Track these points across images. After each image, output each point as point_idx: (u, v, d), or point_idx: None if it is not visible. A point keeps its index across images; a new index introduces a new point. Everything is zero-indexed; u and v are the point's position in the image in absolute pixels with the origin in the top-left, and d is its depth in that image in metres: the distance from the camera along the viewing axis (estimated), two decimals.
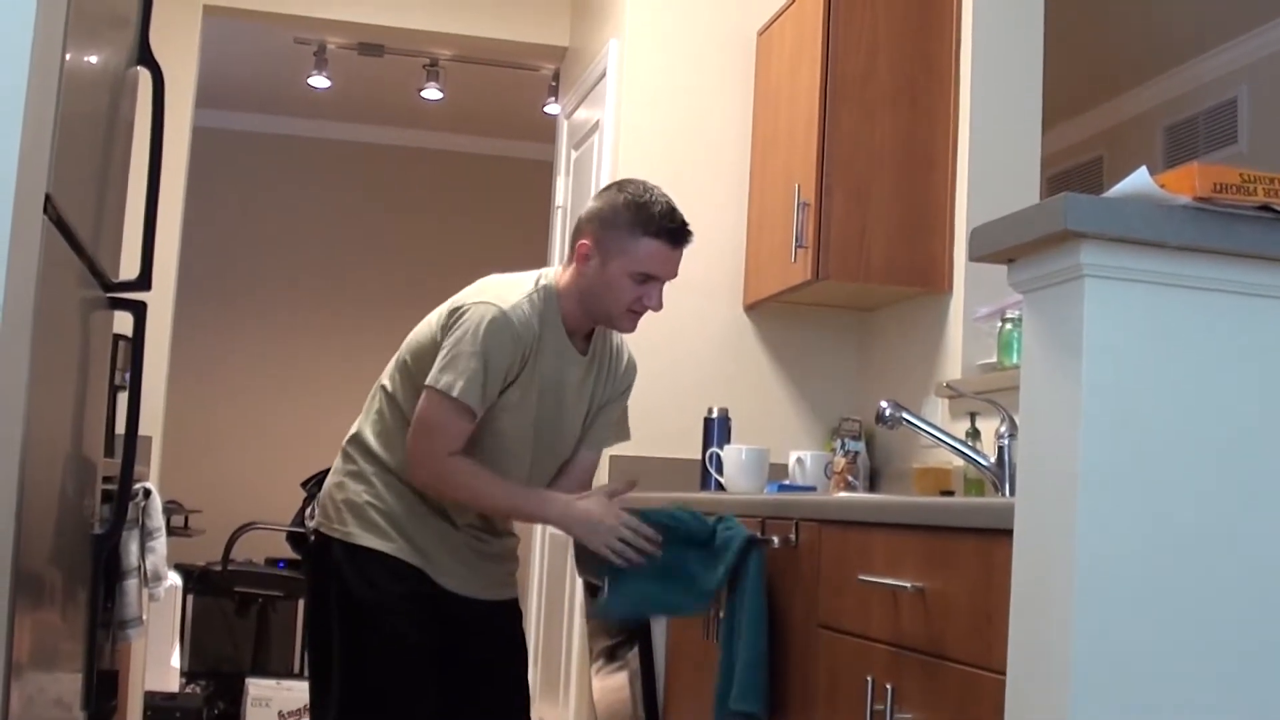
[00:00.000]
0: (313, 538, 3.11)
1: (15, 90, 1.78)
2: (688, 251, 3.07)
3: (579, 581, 4.52)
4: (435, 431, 2.93)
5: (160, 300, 4.79)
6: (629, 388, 3.28)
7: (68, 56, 2.05)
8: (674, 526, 3.05)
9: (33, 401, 1.97)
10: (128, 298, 2.82)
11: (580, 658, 4.61)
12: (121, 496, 2.84)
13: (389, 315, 5.15)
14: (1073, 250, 1.80)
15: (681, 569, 3.04)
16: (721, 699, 3.05)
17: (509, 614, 3.26)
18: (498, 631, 3.22)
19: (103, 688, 3.75)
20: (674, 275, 3.06)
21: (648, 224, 2.97)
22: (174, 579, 5.47)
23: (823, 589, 2.78)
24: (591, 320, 3.09)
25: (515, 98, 7.79)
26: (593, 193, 5.02)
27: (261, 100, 8.47)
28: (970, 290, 4.04)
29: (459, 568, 3.08)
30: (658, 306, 3.04)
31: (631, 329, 3.10)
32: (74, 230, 2.23)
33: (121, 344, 3.91)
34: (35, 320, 1.93)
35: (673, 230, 2.99)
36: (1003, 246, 1.94)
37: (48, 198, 1.96)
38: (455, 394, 2.88)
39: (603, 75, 5.07)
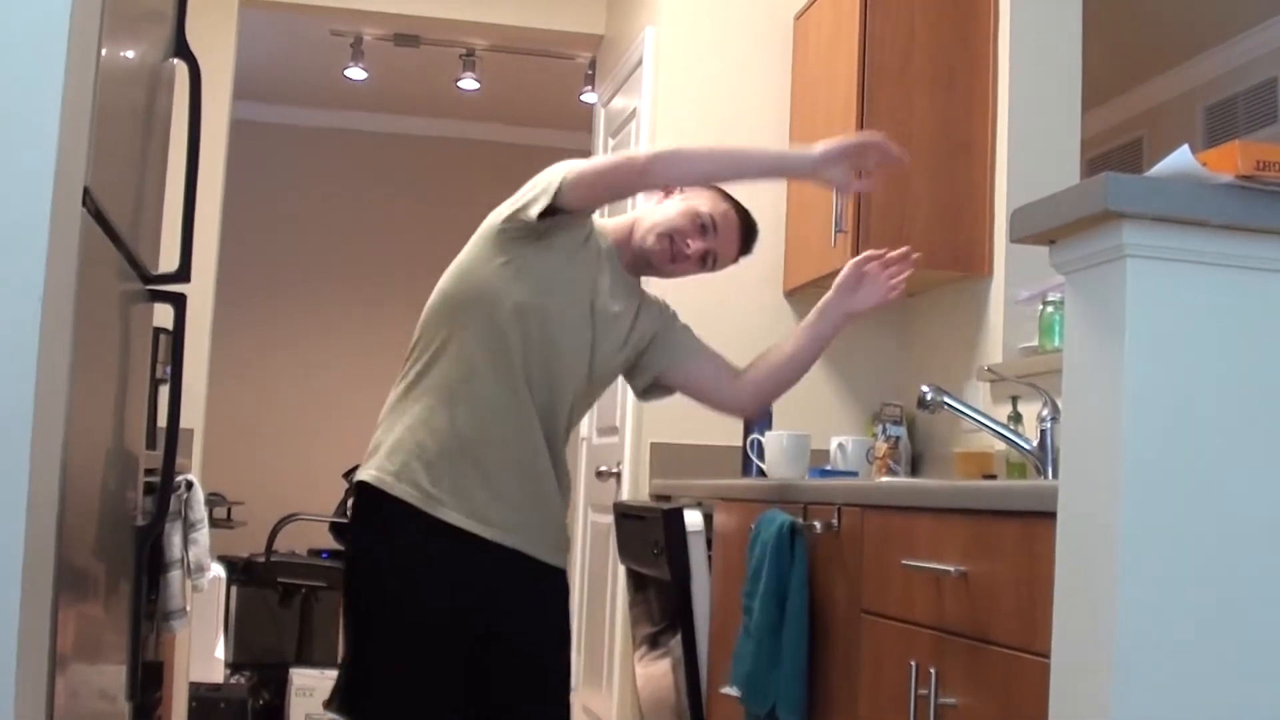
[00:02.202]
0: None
1: (52, 84, 1.79)
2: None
3: (621, 568, 4.53)
4: (619, 156, 2.92)
5: (200, 293, 4.81)
6: (674, 315, 3.26)
7: (104, 50, 2.05)
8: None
9: (74, 394, 1.97)
10: (168, 290, 2.82)
11: (623, 645, 4.62)
12: (164, 489, 2.84)
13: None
14: (1114, 230, 1.79)
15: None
16: (754, 681, 3.05)
17: (557, 587, 3.10)
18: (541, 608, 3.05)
19: (148, 679, 3.77)
20: (726, 256, 3.13)
21: (734, 202, 3.14)
22: (217, 570, 5.50)
23: (866, 574, 2.77)
24: (631, 253, 3.10)
25: (551, 86, 7.79)
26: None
27: (298, 92, 8.50)
28: (1011, 273, 4.02)
29: (506, 508, 2.92)
30: (691, 254, 3.05)
31: (659, 259, 3.08)
32: (113, 223, 2.24)
33: (162, 337, 3.93)
34: (76, 313, 1.94)
35: (747, 214, 3.15)
36: (1044, 228, 1.92)
37: (86, 190, 1.96)
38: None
39: (639, 63, 5.06)
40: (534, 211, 2.86)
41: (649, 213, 3.12)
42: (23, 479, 1.74)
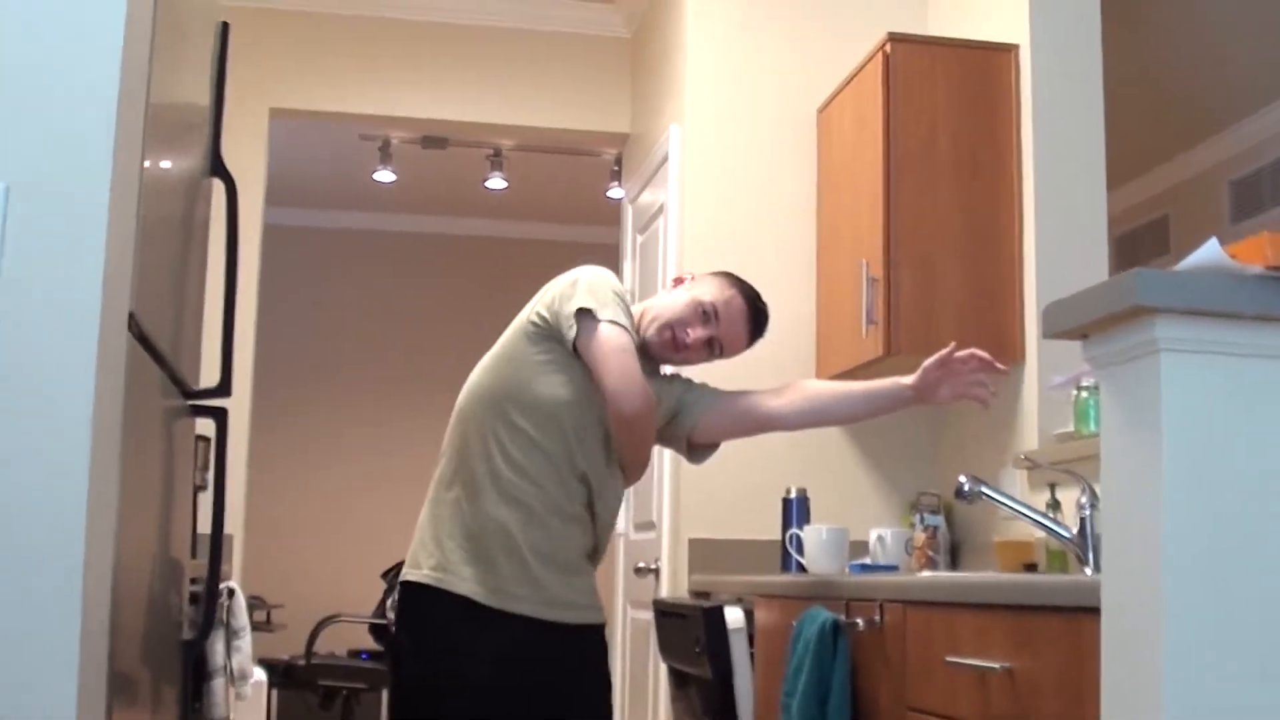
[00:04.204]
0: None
1: (97, 223, 1.83)
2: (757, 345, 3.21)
3: (663, 666, 4.52)
4: (623, 352, 2.90)
5: (237, 399, 4.85)
6: (688, 380, 3.30)
7: (145, 168, 2.10)
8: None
9: (123, 511, 2.00)
10: (209, 404, 2.85)
11: None
12: (209, 601, 2.87)
13: None
14: (1147, 325, 1.80)
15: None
16: None
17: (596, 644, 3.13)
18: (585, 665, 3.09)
19: None
20: (734, 343, 3.16)
21: (744, 288, 3.17)
22: (259, 675, 5.50)
23: (910, 671, 2.76)
24: (643, 342, 3.12)
25: (578, 183, 7.87)
26: (660, 275, 5.07)
27: (328, 196, 8.60)
28: (1044, 359, 4.02)
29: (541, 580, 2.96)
30: (692, 343, 3.09)
31: (662, 349, 3.13)
32: (155, 343, 2.27)
33: (200, 444, 3.96)
34: (123, 434, 1.97)
35: (756, 301, 3.18)
36: (1076, 323, 1.94)
37: (131, 315, 2.00)
38: (608, 319, 2.90)
39: (665, 159, 5.11)
40: (570, 336, 2.92)
41: (655, 303, 3.19)
42: (76, 593, 1.76)
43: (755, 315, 3.17)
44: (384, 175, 7.39)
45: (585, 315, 2.92)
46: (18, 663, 1.73)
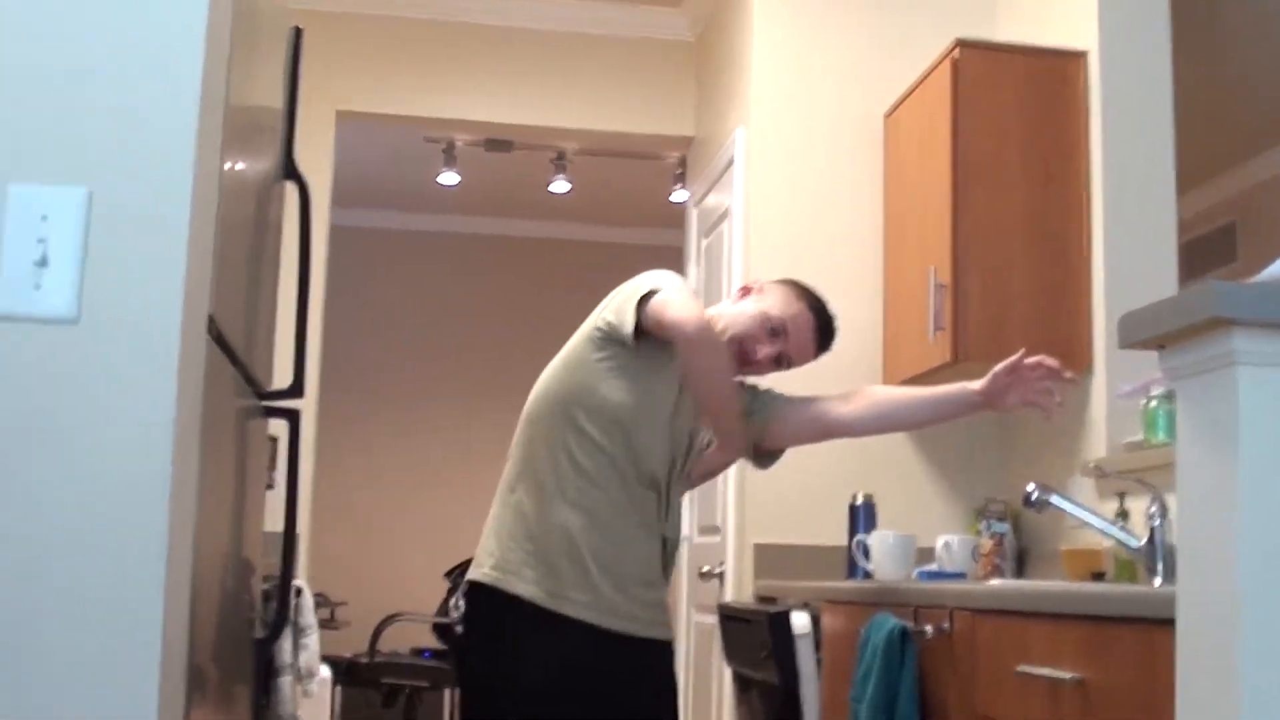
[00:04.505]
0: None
1: (179, 224, 1.85)
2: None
3: (727, 670, 4.52)
4: (682, 294, 2.92)
5: (305, 398, 4.89)
6: (754, 386, 3.29)
7: (224, 171, 2.12)
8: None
9: (200, 511, 2.02)
10: (282, 406, 2.88)
11: None
12: (282, 600, 2.89)
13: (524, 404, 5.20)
14: (1225, 337, 1.79)
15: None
16: None
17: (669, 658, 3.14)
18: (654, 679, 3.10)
19: None
20: (801, 356, 3.15)
21: (812, 300, 3.16)
22: (324, 672, 5.54)
23: (980, 680, 2.75)
24: None
25: (642, 186, 7.88)
26: (725, 280, 5.08)
27: (393, 198, 8.65)
28: (1112, 367, 4.00)
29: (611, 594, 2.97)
30: (760, 359, 3.09)
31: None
32: (231, 345, 2.30)
33: (269, 443, 3.99)
34: (201, 436, 1.99)
35: (823, 314, 3.15)
36: (1152, 334, 1.93)
37: (210, 318, 2.02)
38: (667, 292, 2.92)
39: (730, 163, 5.11)
40: (628, 332, 2.91)
41: (723, 314, 3.16)
42: (158, 593, 1.78)
43: (823, 329, 3.16)
44: (448, 177, 7.43)
45: (647, 298, 2.92)
46: (102, 661, 1.76)
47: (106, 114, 1.87)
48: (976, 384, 3.10)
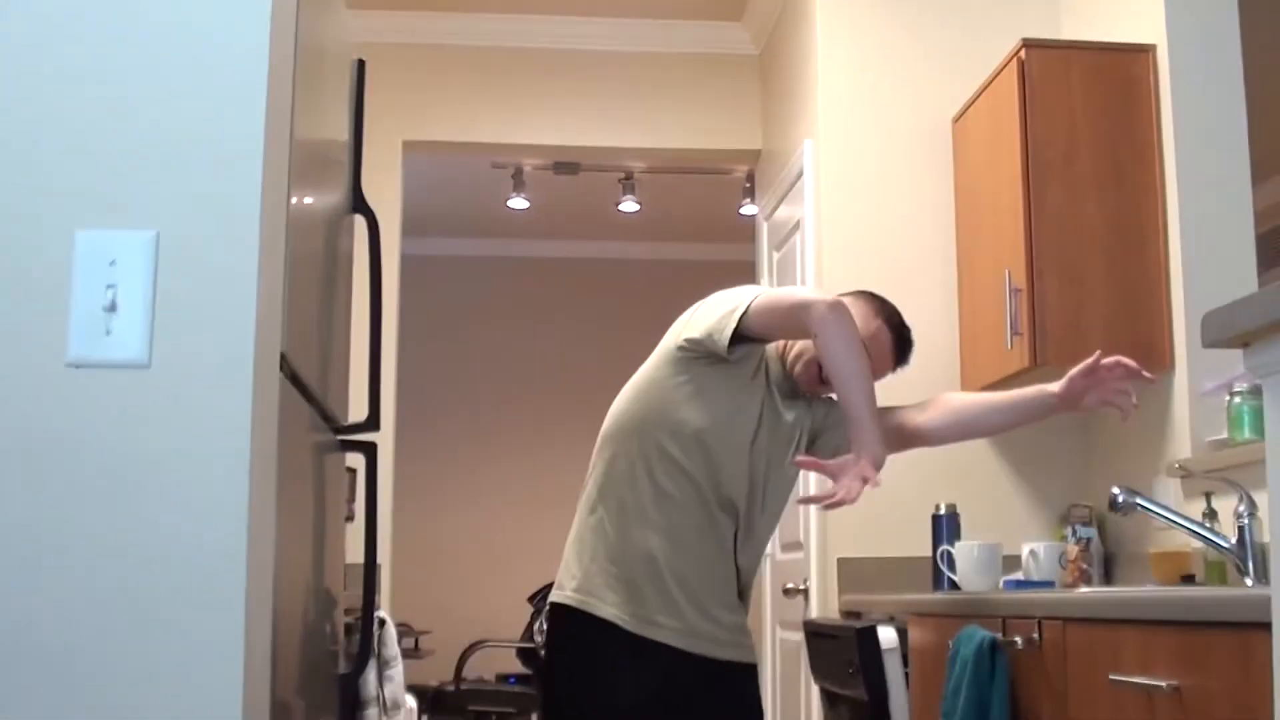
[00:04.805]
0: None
1: (248, 263, 1.85)
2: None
3: (815, 688, 4.48)
4: (784, 290, 2.95)
5: (382, 430, 4.92)
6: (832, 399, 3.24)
7: (291, 207, 2.12)
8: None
9: (280, 547, 2.02)
10: (358, 439, 2.88)
11: None
12: (365, 632, 2.89)
13: (600, 425, 5.20)
14: None
15: None
16: None
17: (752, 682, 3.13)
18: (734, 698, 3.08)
19: None
20: (881, 370, 3.12)
21: (889, 315, 3.15)
22: (410, 702, 5.55)
23: (1071, 690, 2.70)
24: (786, 371, 3.11)
25: (710, 202, 7.87)
26: None
27: (463, 224, 8.69)
28: (1193, 365, 3.94)
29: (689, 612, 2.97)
30: None
31: (807, 384, 3.11)
32: (305, 381, 2.30)
33: (347, 475, 4.01)
34: (279, 474, 1.99)
35: (901, 328, 3.16)
36: (1236, 332, 1.88)
37: (283, 356, 2.02)
38: (772, 290, 2.95)
39: (800, 175, 5.09)
40: (724, 340, 2.89)
41: None
42: (239, 628, 1.79)
43: (900, 345, 3.15)
44: (518, 202, 7.45)
45: (746, 309, 2.91)
46: (186, 700, 1.76)
47: (171, 155, 1.88)
48: (1054, 386, 3.06)
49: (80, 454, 1.76)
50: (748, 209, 6.92)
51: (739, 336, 2.91)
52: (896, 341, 3.13)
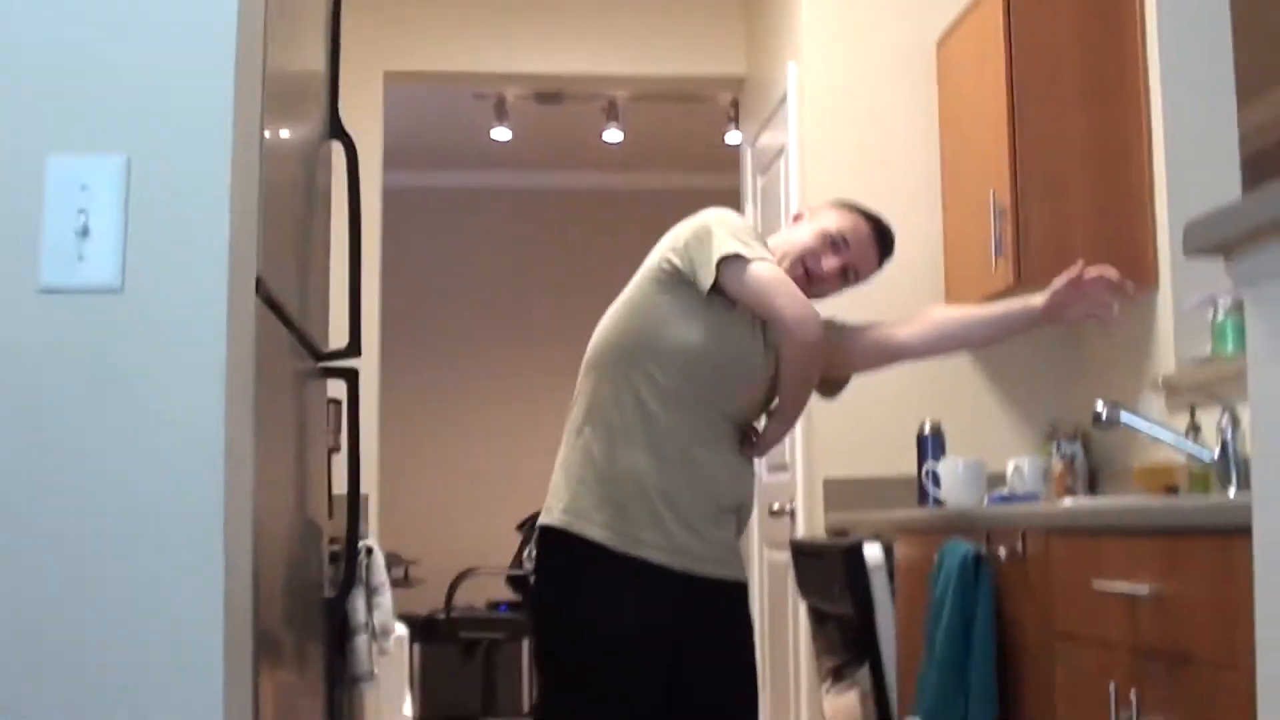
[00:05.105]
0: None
1: (219, 186, 1.84)
2: (887, 267, 3.12)
3: (803, 604, 4.51)
4: (786, 283, 2.90)
5: (366, 360, 4.90)
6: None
7: (266, 134, 2.10)
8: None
9: (260, 474, 2.02)
10: (340, 366, 2.87)
11: (809, 680, 4.59)
12: (349, 559, 2.89)
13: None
14: None
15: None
16: (938, 712, 3.01)
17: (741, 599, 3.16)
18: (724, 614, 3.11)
19: None
20: (866, 266, 3.14)
21: (861, 211, 3.15)
22: (400, 630, 5.57)
23: (1056, 599, 2.72)
24: None
25: (695, 130, 7.83)
26: (782, 218, 5.03)
27: (446, 156, 8.64)
28: (1178, 281, 3.94)
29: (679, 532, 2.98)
30: (827, 272, 3.07)
31: (798, 285, 3.08)
32: (283, 306, 2.29)
33: (332, 407, 4.00)
34: (256, 398, 1.98)
35: (878, 220, 3.15)
36: (1218, 239, 1.88)
37: (259, 280, 2.01)
38: (757, 256, 2.90)
39: (783, 99, 5.06)
40: (706, 282, 2.89)
41: (781, 241, 3.15)
42: (218, 557, 1.79)
43: (881, 235, 3.15)
44: (501, 133, 7.41)
45: (731, 259, 2.89)
46: (164, 627, 1.76)
47: (141, 82, 1.86)
48: (1038, 298, 3.07)
49: (54, 380, 1.76)
50: (733, 136, 6.89)
51: (717, 285, 2.91)
52: (877, 232, 3.14)
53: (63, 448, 1.75)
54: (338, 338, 2.91)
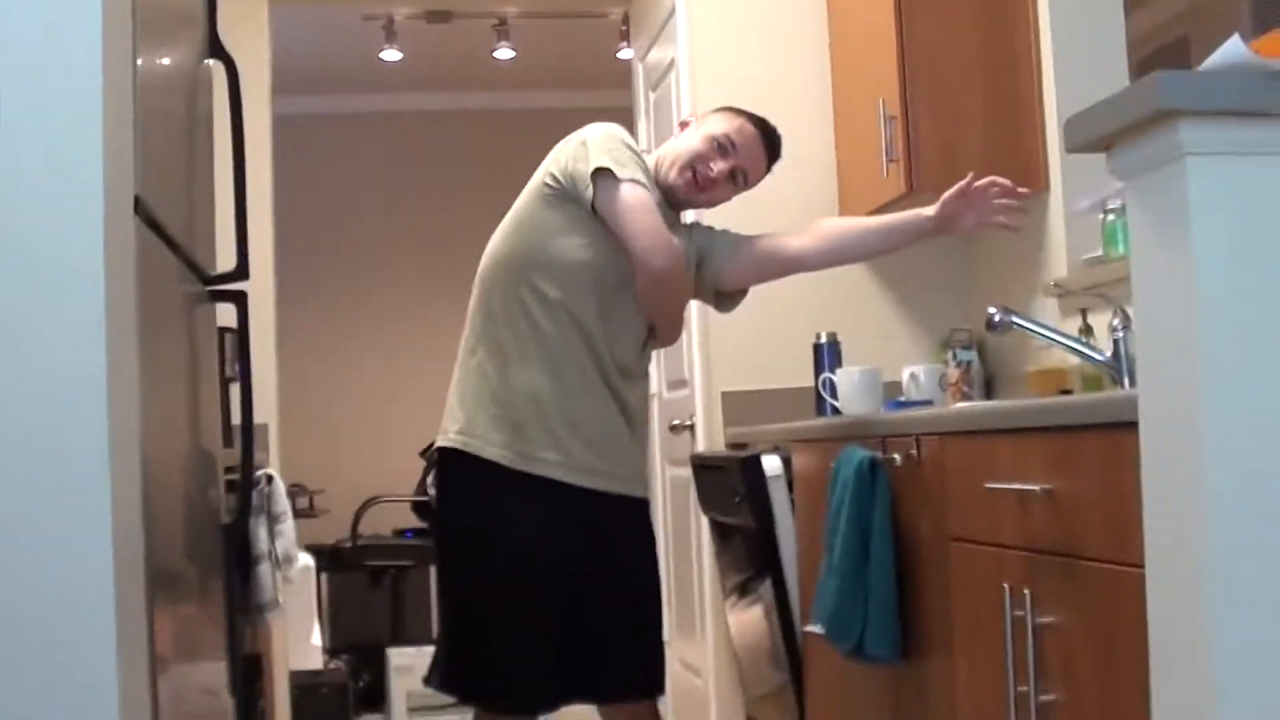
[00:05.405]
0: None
1: (91, 98, 1.80)
2: (780, 176, 3.20)
3: (703, 520, 4.53)
4: (645, 209, 2.90)
5: (261, 289, 4.83)
6: (709, 226, 3.32)
7: (139, 60, 2.06)
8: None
9: (146, 399, 1.99)
10: (228, 289, 2.84)
11: (713, 595, 4.62)
12: (245, 484, 2.88)
13: None
14: (1171, 129, 1.75)
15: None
16: (838, 618, 3.05)
17: (641, 517, 3.17)
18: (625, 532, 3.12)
19: (248, 671, 3.82)
20: (755, 168, 3.16)
21: (739, 111, 3.18)
22: (306, 560, 5.54)
23: (950, 501, 2.75)
24: (663, 190, 3.10)
25: (588, 47, 7.76)
26: (674, 133, 5.01)
27: (336, 81, 8.50)
28: (1069, 185, 3.97)
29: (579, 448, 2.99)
30: (716, 176, 3.08)
31: (687, 191, 3.11)
32: (166, 228, 2.25)
33: (228, 337, 3.96)
34: (139, 319, 1.95)
35: (763, 122, 3.17)
36: (1099, 134, 1.89)
37: (137, 199, 1.97)
38: (627, 177, 2.90)
39: (672, 12, 5.02)
40: (588, 197, 2.89)
41: (669, 149, 3.17)
42: (104, 485, 1.76)
43: (768, 136, 3.17)
44: (390, 54, 7.31)
45: (603, 175, 2.89)
46: (53, 563, 1.73)
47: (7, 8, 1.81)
48: (929, 210, 3.09)
49: None
50: (624, 53, 6.84)
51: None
52: (764, 133, 3.15)
53: None
54: (228, 264, 2.88)
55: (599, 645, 3.00)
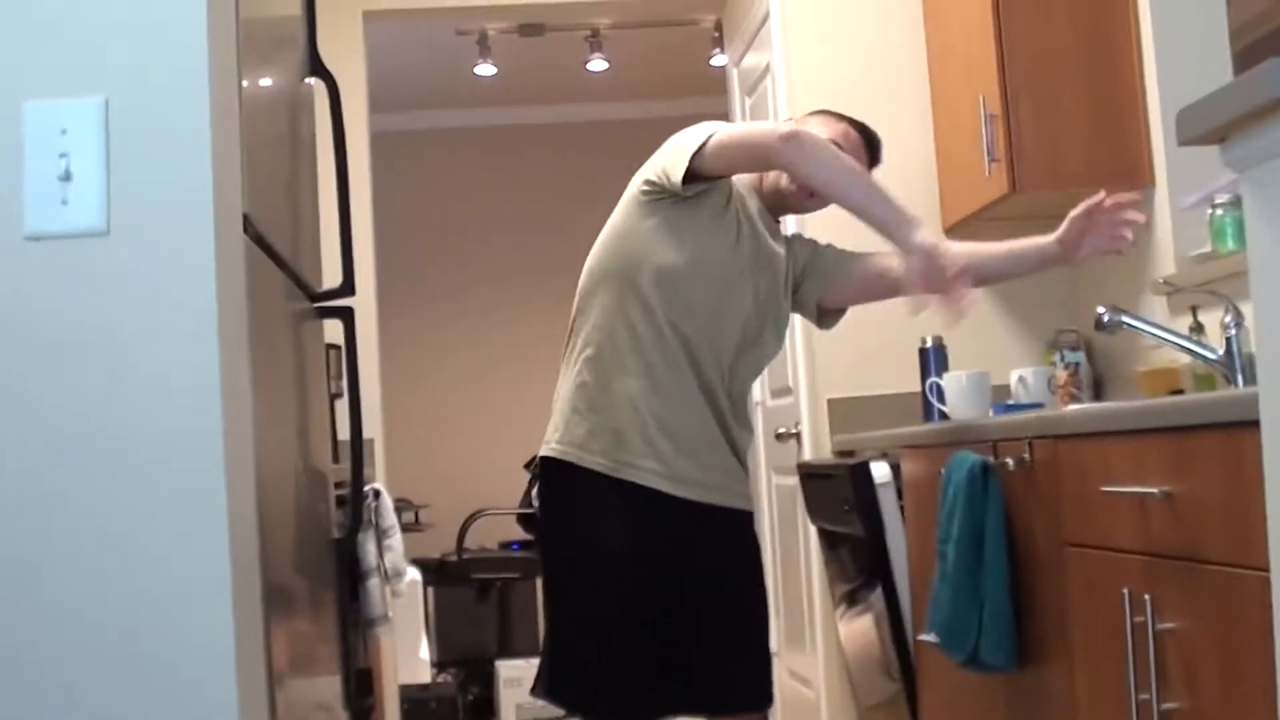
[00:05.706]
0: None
1: (199, 121, 1.81)
2: (879, 180, 3.12)
3: (811, 528, 4.50)
4: (744, 126, 2.91)
5: (364, 305, 4.87)
6: (814, 241, 3.29)
7: (244, 82, 2.08)
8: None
9: (259, 416, 2.00)
10: (335, 305, 2.86)
11: (823, 605, 4.59)
12: (354, 499, 2.89)
13: None
14: None
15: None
16: (952, 626, 3.01)
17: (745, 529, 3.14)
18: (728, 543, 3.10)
19: (360, 686, 3.84)
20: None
21: (840, 115, 3.18)
22: (413, 574, 5.57)
23: (1065, 506, 2.71)
24: (767, 198, 3.12)
25: (680, 55, 7.75)
26: None
27: (431, 96, 8.56)
28: (1174, 180, 3.90)
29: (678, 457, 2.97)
30: None
31: (797, 198, 3.10)
32: (274, 245, 2.26)
33: (333, 353, 3.99)
34: (250, 338, 1.96)
35: (864, 126, 3.16)
36: (1213, 125, 1.85)
37: (245, 218, 1.98)
38: (729, 126, 2.94)
39: (766, 16, 5.01)
40: (677, 177, 2.87)
41: None
42: (220, 500, 1.77)
43: (870, 140, 3.16)
44: (485, 69, 7.34)
45: (701, 148, 2.89)
46: (172, 577, 1.74)
47: (115, 23, 1.83)
48: (1050, 236, 3.06)
49: (43, 327, 1.73)
50: (718, 59, 6.83)
51: (694, 174, 2.88)
52: (866, 137, 3.15)
53: (49, 398, 1.72)
54: (332, 280, 2.90)
55: (704, 657, 2.98)
